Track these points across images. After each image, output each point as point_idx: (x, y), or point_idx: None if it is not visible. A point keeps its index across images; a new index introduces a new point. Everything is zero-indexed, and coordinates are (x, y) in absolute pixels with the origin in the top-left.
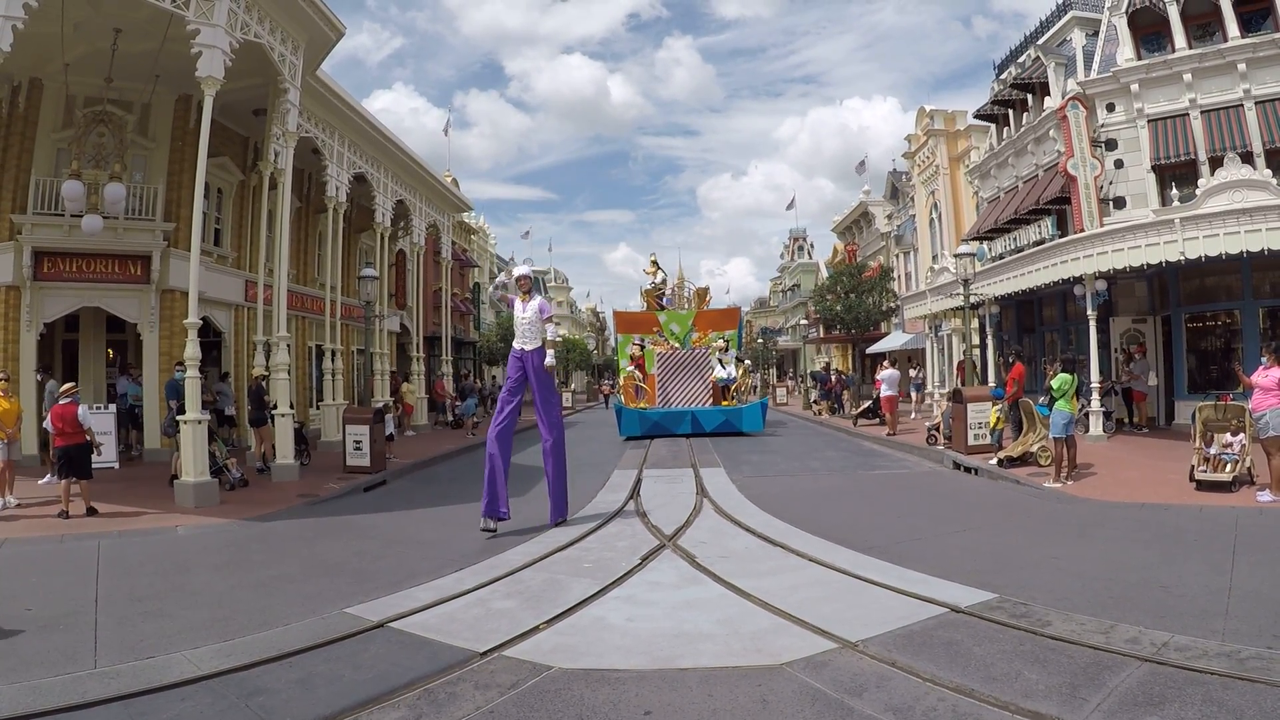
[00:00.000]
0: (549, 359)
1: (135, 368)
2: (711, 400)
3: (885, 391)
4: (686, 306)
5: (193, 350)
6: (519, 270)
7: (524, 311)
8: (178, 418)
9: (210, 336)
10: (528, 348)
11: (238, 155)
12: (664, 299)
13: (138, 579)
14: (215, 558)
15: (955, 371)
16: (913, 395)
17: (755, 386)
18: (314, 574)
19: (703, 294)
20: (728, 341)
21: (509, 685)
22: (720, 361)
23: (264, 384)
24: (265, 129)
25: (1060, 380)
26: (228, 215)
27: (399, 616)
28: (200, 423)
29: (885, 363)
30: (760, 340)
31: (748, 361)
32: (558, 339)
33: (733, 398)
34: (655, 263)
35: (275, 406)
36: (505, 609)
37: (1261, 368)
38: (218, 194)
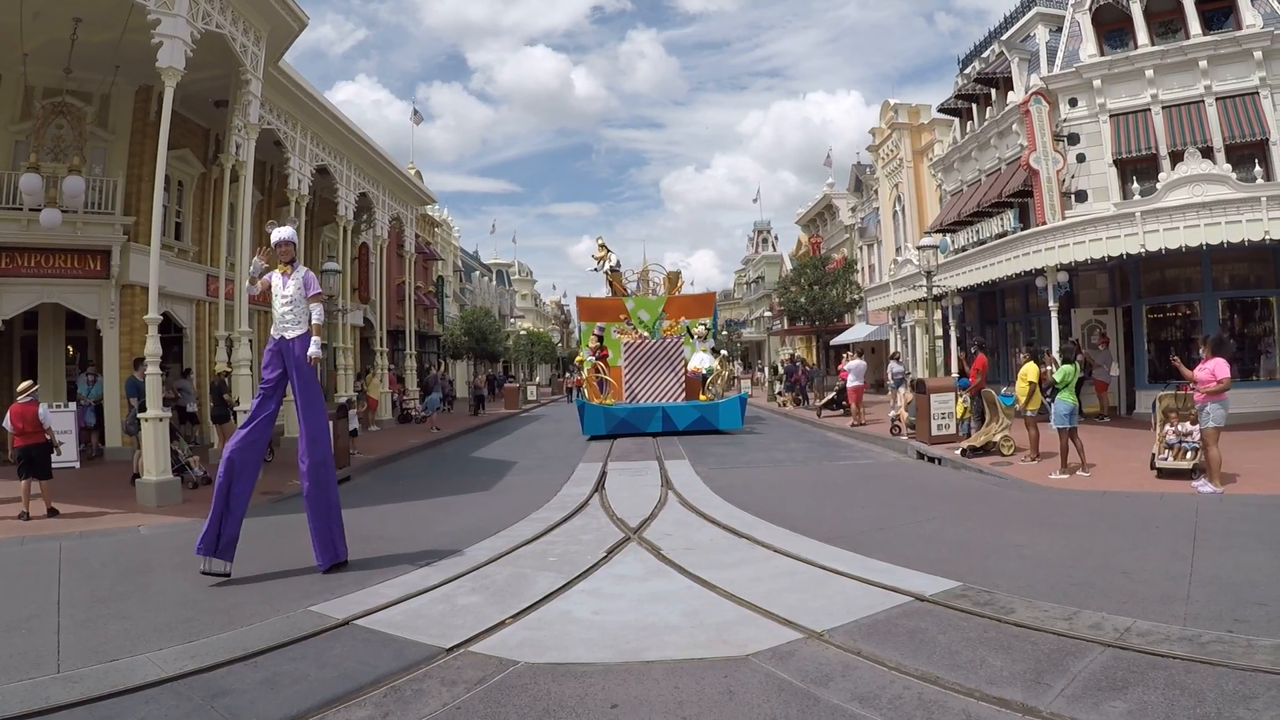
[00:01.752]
0: (313, 348)
1: (94, 367)
2: (684, 395)
3: (852, 382)
4: (654, 294)
5: (153, 346)
6: (280, 233)
7: (284, 288)
8: (139, 415)
9: (171, 332)
10: (289, 334)
11: (199, 147)
12: (631, 285)
13: (100, 580)
14: (178, 557)
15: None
16: (895, 392)
17: (733, 378)
18: (278, 572)
19: (674, 278)
20: (707, 329)
21: (475, 681)
22: (700, 347)
23: (226, 380)
24: (227, 121)
25: (1063, 372)
26: (189, 208)
27: (364, 614)
28: (162, 420)
29: (851, 353)
30: (725, 332)
31: (724, 352)
32: (322, 322)
33: (708, 391)
34: (604, 245)
35: (238, 403)
36: (471, 604)
37: (1200, 361)
38: (178, 187)
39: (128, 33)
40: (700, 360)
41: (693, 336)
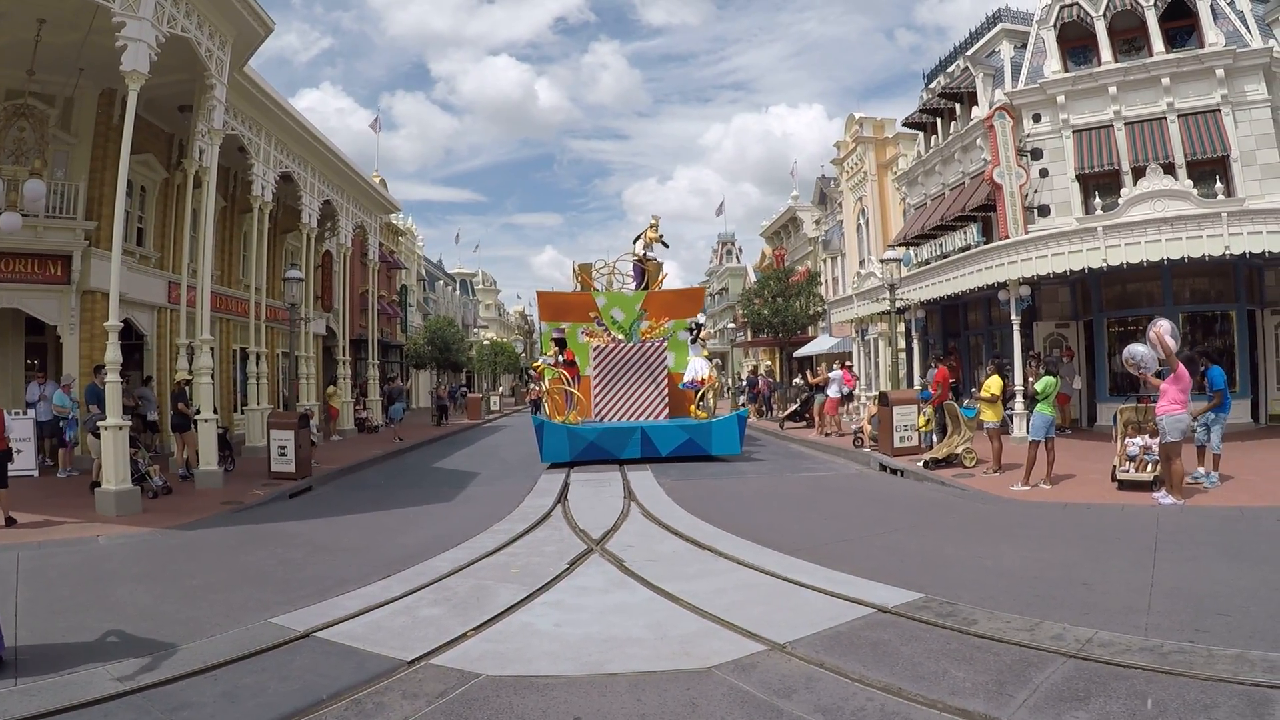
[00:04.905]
0: None
1: (43, 374)
2: (667, 411)
3: (833, 393)
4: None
5: (114, 353)
6: None
7: None
8: (98, 424)
9: (132, 339)
10: None
11: (162, 152)
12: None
13: (58, 591)
14: (138, 568)
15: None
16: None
17: (727, 391)
18: (239, 583)
19: (654, 270)
20: (698, 328)
21: (437, 694)
22: (692, 353)
23: (186, 389)
24: (191, 126)
25: (1045, 383)
26: (151, 214)
27: (325, 626)
28: (122, 429)
29: (837, 364)
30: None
31: (716, 359)
32: None
33: (701, 408)
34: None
35: (198, 412)
36: (432, 616)
37: (1170, 376)
38: (141, 192)
39: (92, 35)
40: (698, 368)
41: (695, 339)
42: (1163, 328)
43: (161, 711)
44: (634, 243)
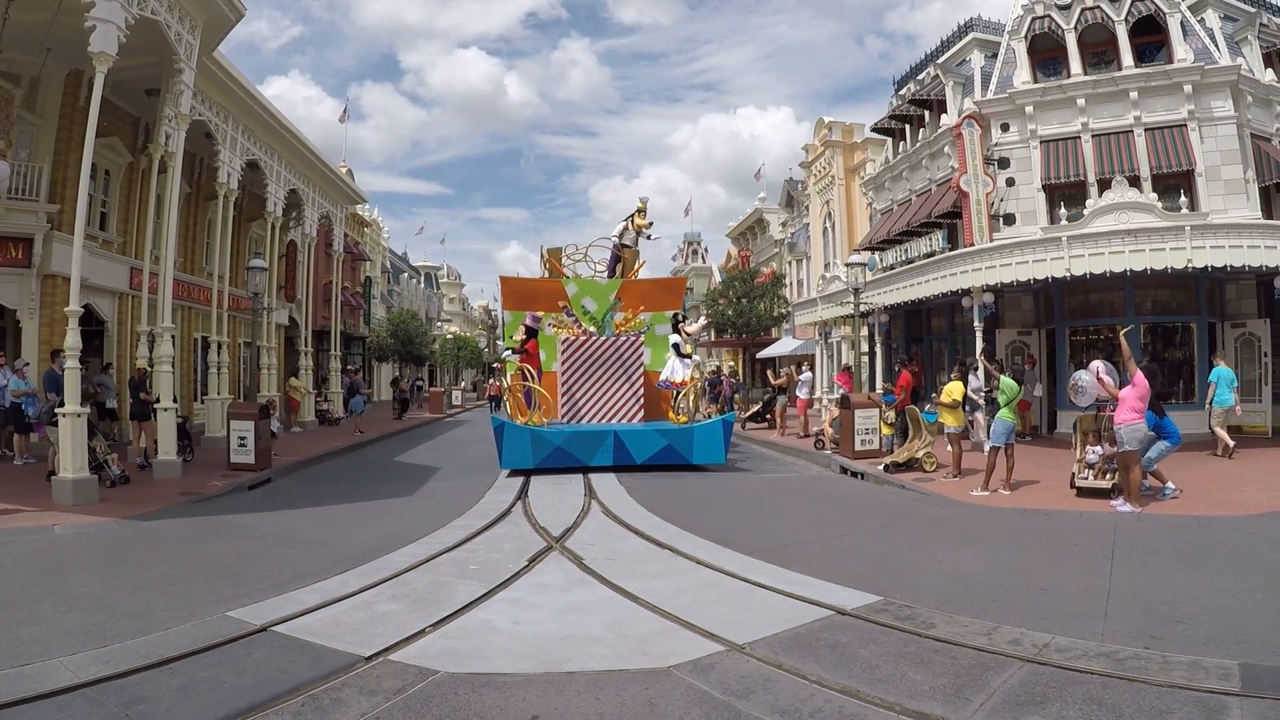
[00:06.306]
0: None
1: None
2: (643, 413)
3: (802, 394)
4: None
5: (73, 339)
6: None
7: None
8: (56, 410)
9: (93, 325)
10: None
11: (128, 136)
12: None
13: (12, 581)
14: (94, 558)
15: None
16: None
17: (706, 391)
18: (196, 575)
19: (631, 259)
20: (684, 318)
21: (395, 690)
22: (679, 348)
23: (147, 376)
24: (158, 110)
25: (1008, 387)
26: (115, 198)
27: (283, 620)
28: (80, 416)
29: (803, 365)
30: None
31: (696, 357)
32: None
33: (681, 411)
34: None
35: (158, 400)
36: (391, 612)
37: (1129, 385)
38: (105, 176)
39: (60, 15)
40: (674, 368)
41: (679, 328)
42: (1099, 369)
43: (116, 705)
44: (622, 223)
